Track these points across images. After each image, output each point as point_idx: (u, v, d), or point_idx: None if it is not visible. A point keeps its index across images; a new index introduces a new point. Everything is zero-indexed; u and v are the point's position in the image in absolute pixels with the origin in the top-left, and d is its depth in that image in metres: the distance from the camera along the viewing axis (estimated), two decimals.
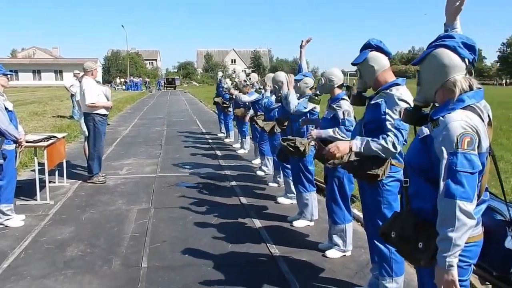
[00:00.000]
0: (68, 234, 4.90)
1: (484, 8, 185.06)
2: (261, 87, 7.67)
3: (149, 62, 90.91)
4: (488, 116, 2.01)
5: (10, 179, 5.11)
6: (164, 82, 61.94)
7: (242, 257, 4.34)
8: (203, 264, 4.15)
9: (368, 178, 3.13)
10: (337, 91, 4.14)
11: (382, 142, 2.98)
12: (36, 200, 5.97)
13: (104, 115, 7.12)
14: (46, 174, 5.99)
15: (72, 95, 15.75)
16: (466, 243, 1.93)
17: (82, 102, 7.01)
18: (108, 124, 8.91)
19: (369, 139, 3.05)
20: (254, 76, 8.95)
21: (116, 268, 4.07)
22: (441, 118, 1.95)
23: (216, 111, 15.12)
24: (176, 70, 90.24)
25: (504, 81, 73.24)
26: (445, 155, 1.87)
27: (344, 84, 4.22)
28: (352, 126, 3.90)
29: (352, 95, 3.46)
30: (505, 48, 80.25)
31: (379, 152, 3.00)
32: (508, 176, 7.13)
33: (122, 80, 58.23)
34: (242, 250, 4.52)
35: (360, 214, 5.33)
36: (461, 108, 1.94)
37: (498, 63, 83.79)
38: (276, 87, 5.65)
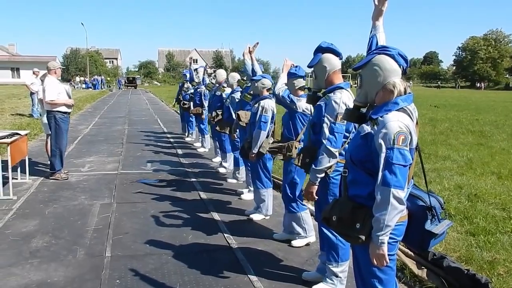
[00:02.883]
0: (33, 227, 5.04)
1: (442, 13, 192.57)
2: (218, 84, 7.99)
3: (110, 61, 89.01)
4: (416, 117, 2.41)
5: None
6: (125, 81, 61.00)
7: (200, 247, 4.63)
8: (164, 253, 4.41)
9: None
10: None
11: (322, 156, 3.32)
12: None
13: (65, 112, 7.24)
14: (10, 170, 6.07)
15: (32, 93, 15.51)
16: None
17: (43, 100, 7.12)
18: None
19: (316, 162, 3.39)
20: (222, 73, 8.21)
21: (81, 257, 4.27)
22: (379, 118, 2.31)
23: (179, 112, 15.17)
24: (137, 69, 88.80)
25: (457, 85, 76.38)
26: (384, 149, 2.23)
27: (305, 86, 4.60)
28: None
29: (308, 95, 3.79)
30: (460, 52, 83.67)
31: (329, 158, 3.33)
32: (453, 173, 7.74)
33: (82, 78, 56.88)
34: (201, 241, 4.81)
35: (313, 208, 5.74)
36: (395, 110, 2.32)
37: (454, 67, 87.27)
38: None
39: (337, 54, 3.53)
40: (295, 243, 4.71)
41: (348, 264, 3.72)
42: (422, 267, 4.01)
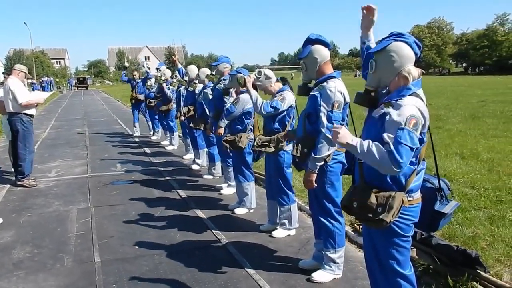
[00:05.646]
0: (10, 238, 4.80)
1: (386, 3, 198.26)
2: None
3: (57, 61, 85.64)
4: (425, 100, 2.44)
5: None
6: (75, 82, 59.04)
7: (191, 245, 4.57)
8: (155, 254, 4.32)
9: None
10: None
11: (321, 144, 3.35)
12: None
13: (31, 115, 6.95)
14: None
15: None
16: (410, 205, 2.39)
17: (10, 102, 6.74)
18: None
19: (315, 150, 3.39)
20: (193, 69, 7.86)
21: (69, 264, 4.12)
22: (395, 101, 2.34)
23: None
24: (86, 69, 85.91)
25: None
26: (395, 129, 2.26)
27: (278, 78, 4.65)
28: (278, 106, 4.33)
29: (298, 86, 3.78)
30: None
31: (328, 147, 3.35)
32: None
33: (29, 81, 54.34)
34: (190, 239, 4.74)
35: (299, 202, 5.80)
36: (409, 95, 2.35)
37: None
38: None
39: (326, 45, 3.56)
40: (276, 233, 4.74)
41: (344, 249, 3.81)
42: (412, 247, 4.14)
